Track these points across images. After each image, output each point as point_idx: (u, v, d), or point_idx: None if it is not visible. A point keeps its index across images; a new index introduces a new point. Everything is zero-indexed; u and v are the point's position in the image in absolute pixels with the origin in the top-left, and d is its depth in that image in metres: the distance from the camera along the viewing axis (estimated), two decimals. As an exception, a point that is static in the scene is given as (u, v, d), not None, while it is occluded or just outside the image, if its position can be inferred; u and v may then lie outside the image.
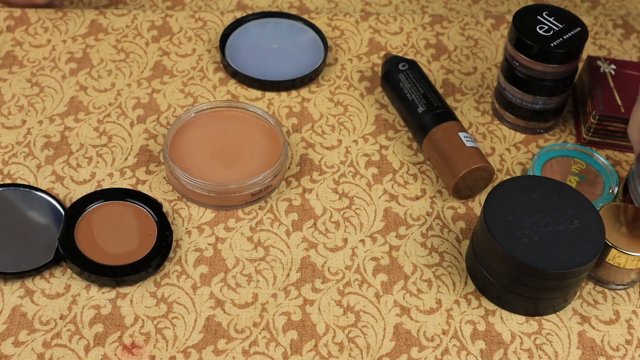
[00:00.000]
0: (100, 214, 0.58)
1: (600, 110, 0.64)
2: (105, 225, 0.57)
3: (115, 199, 0.58)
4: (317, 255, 0.57)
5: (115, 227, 0.57)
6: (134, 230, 0.57)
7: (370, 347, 0.52)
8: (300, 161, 0.63)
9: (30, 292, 0.54)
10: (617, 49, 0.75)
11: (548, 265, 0.50)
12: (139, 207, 0.58)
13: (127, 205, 0.58)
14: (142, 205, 0.58)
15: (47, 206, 0.58)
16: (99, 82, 0.69)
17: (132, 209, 0.58)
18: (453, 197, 0.61)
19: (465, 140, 0.60)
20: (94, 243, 0.56)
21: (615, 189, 0.61)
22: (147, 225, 0.57)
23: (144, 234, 0.56)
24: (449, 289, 0.56)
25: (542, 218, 0.53)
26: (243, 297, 0.55)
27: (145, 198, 0.58)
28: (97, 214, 0.57)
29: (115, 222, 0.57)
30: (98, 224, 0.57)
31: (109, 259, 0.55)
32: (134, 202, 0.58)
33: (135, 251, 0.55)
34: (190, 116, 0.63)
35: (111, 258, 0.55)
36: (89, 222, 0.57)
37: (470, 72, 0.72)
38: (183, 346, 0.52)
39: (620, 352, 0.53)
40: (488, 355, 0.52)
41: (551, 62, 0.61)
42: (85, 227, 0.56)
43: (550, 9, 0.63)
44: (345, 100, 0.69)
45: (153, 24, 0.74)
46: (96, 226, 0.57)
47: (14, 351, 0.51)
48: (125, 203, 0.58)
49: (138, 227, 0.57)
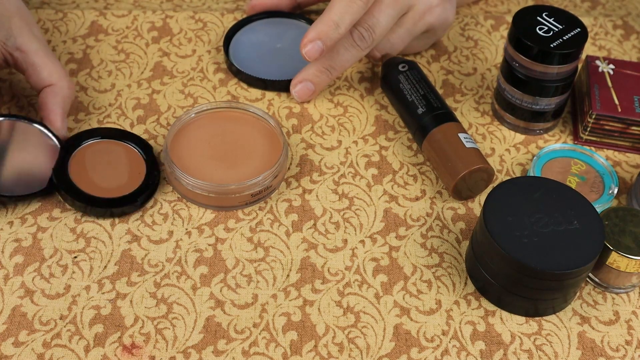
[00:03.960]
0: (94, 149, 0.61)
1: (597, 109, 0.64)
2: (98, 160, 0.60)
3: (110, 137, 0.62)
4: (317, 256, 0.57)
5: (107, 163, 0.60)
6: (125, 168, 0.60)
7: (370, 348, 0.52)
8: (300, 162, 0.64)
9: (30, 292, 0.54)
10: (617, 49, 0.76)
11: (548, 266, 0.51)
12: (131, 148, 0.62)
13: (120, 145, 0.62)
14: (134, 146, 0.62)
15: (43, 139, 0.60)
16: (99, 82, 0.69)
17: (124, 149, 0.62)
18: (453, 198, 0.62)
19: (465, 141, 0.61)
20: (86, 175, 0.59)
21: (615, 189, 0.61)
22: (137, 165, 0.61)
23: (133, 172, 0.60)
24: (449, 290, 0.56)
25: (542, 219, 0.53)
26: (243, 298, 0.55)
27: (138, 140, 0.62)
28: (91, 149, 0.61)
29: (107, 158, 0.61)
30: (91, 158, 0.60)
31: (98, 191, 0.58)
32: (127, 143, 0.62)
33: (124, 186, 0.59)
34: (190, 117, 0.63)
35: (100, 190, 0.58)
36: (83, 156, 0.60)
37: (470, 73, 0.72)
38: (183, 346, 0.52)
39: (620, 353, 0.53)
40: (488, 356, 0.52)
41: (551, 63, 0.61)
42: (79, 160, 0.60)
43: (550, 10, 0.63)
44: (345, 101, 0.69)
45: (153, 25, 0.74)
46: (89, 160, 0.60)
47: (14, 351, 0.51)
48: (118, 142, 0.62)
49: (129, 166, 0.60)
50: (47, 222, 0.58)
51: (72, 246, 0.57)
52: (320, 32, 0.62)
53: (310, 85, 0.66)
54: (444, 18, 0.69)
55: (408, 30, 0.67)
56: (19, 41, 0.61)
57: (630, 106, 0.64)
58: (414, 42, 0.70)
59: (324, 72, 0.66)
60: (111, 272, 0.56)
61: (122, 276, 0.55)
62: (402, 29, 0.67)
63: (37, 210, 0.59)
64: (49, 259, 0.56)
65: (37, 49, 0.61)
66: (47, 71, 0.61)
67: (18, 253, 0.56)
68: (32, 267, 0.55)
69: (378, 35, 0.65)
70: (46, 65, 0.61)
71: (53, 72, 0.61)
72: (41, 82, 0.61)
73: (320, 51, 0.62)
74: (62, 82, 0.61)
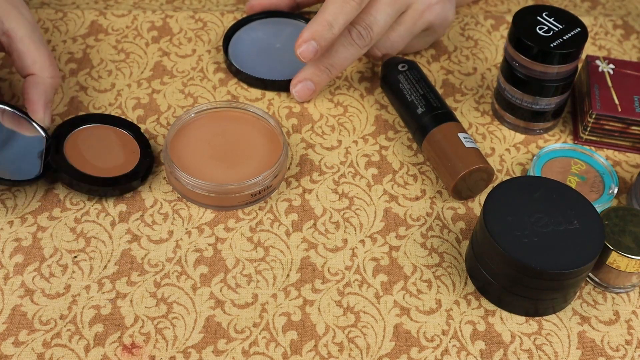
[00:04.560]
0: (84, 135, 0.62)
1: (597, 109, 0.64)
2: (90, 144, 0.61)
3: (97, 122, 0.63)
4: (317, 255, 0.57)
5: (100, 146, 0.62)
6: (118, 149, 0.62)
7: (370, 348, 0.52)
8: (300, 162, 0.64)
9: (30, 292, 0.54)
10: (617, 49, 0.76)
11: (548, 266, 0.51)
12: (118, 130, 0.63)
13: (108, 128, 0.63)
14: (121, 128, 0.63)
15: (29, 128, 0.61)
16: (99, 82, 0.69)
17: (113, 131, 0.63)
18: (453, 198, 0.62)
19: (464, 141, 0.61)
20: (83, 159, 0.60)
21: (615, 189, 0.61)
22: (130, 144, 0.62)
23: (127, 150, 0.62)
24: (449, 290, 0.56)
25: (542, 219, 0.53)
26: (243, 298, 0.55)
27: (124, 122, 0.63)
28: (81, 135, 0.62)
29: (99, 141, 0.62)
30: (84, 143, 0.61)
31: (100, 172, 0.59)
32: (114, 126, 0.63)
33: (123, 164, 0.60)
34: (190, 117, 0.63)
35: (102, 171, 0.60)
36: (75, 142, 0.61)
37: (470, 73, 0.72)
38: (183, 346, 0.52)
39: (620, 353, 0.53)
40: (488, 356, 0.52)
41: (551, 63, 0.61)
42: (73, 145, 0.61)
43: (550, 10, 0.63)
44: (345, 101, 0.69)
45: (153, 25, 0.74)
46: (83, 145, 0.61)
47: (14, 351, 0.51)
48: (106, 126, 0.63)
49: (121, 146, 0.62)
50: (47, 221, 0.58)
51: (72, 246, 0.57)
52: (314, 32, 0.62)
53: (310, 84, 0.66)
54: (444, 16, 0.69)
55: (408, 29, 0.67)
56: (6, 26, 0.60)
57: (630, 106, 0.64)
58: (414, 41, 0.70)
59: (324, 71, 0.66)
60: (111, 272, 0.56)
61: (122, 276, 0.55)
62: (402, 27, 0.67)
63: (37, 209, 0.59)
64: (49, 259, 0.56)
65: (23, 36, 0.60)
66: (31, 59, 0.60)
67: (18, 253, 0.56)
68: (32, 267, 0.55)
69: (376, 34, 0.65)
70: (30, 53, 0.60)
71: (37, 61, 0.60)
72: (24, 70, 0.61)
73: (315, 51, 0.63)
74: (44, 71, 0.61)
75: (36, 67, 0.60)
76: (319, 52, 0.63)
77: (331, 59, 0.65)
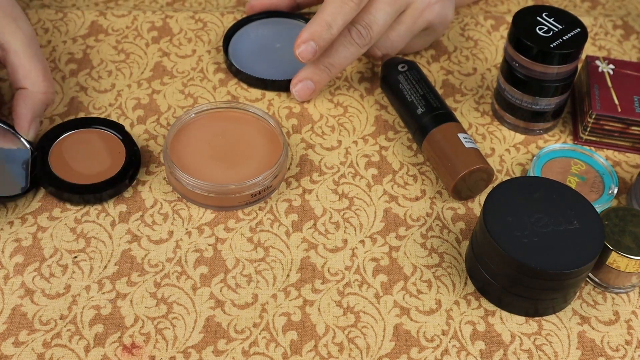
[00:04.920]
0: (68, 143, 0.62)
1: (597, 109, 0.64)
2: (75, 151, 0.61)
3: (79, 127, 0.63)
4: (317, 255, 0.57)
5: (85, 152, 0.61)
6: (104, 152, 0.61)
7: (370, 348, 0.52)
8: (300, 162, 0.64)
9: (31, 292, 0.54)
10: (617, 49, 0.76)
11: (547, 266, 0.51)
12: (103, 131, 0.63)
13: (92, 132, 0.63)
14: (105, 129, 0.63)
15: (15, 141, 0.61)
16: (99, 82, 0.69)
17: (97, 134, 0.63)
18: (453, 198, 0.62)
19: (464, 141, 0.61)
20: (69, 169, 0.60)
21: (615, 189, 0.61)
22: (115, 145, 0.62)
23: (114, 152, 0.61)
24: (449, 290, 0.56)
25: (542, 219, 0.53)
26: (243, 298, 0.55)
27: (107, 122, 0.63)
28: (65, 143, 0.62)
29: (84, 147, 0.62)
30: (69, 151, 0.61)
31: (86, 179, 0.59)
32: (98, 128, 0.63)
33: (110, 168, 0.60)
34: (190, 117, 0.63)
35: (88, 178, 0.59)
36: (59, 152, 0.61)
37: (470, 73, 0.72)
38: (183, 346, 0.52)
39: (620, 353, 0.53)
40: (488, 356, 0.52)
41: (551, 63, 0.61)
42: (57, 156, 0.61)
43: (549, 10, 0.63)
44: (345, 101, 0.69)
45: (153, 25, 0.74)
46: (67, 154, 0.61)
47: (14, 351, 0.51)
48: (89, 130, 0.63)
49: (107, 148, 0.62)
50: (47, 222, 0.58)
51: (72, 246, 0.57)
52: (313, 32, 0.62)
53: (311, 83, 0.66)
54: (443, 15, 0.69)
55: (408, 28, 0.67)
56: (1, 39, 0.60)
57: (630, 106, 0.64)
58: (413, 40, 0.70)
59: (324, 70, 0.66)
60: (111, 272, 0.56)
61: (122, 276, 0.55)
62: (402, 26, 0.67)
63: (37, 210, 0.59)
64: (49, 259, 0.56)
65: (17, 50, 0.60)
66: (22, 73, 0.60)
67: (18, 253, 0.56)
68: (32, 267, 0.55)
69: (376, 33, 0.65)
70: (22, 67, 0.60)
71: (29, 76, 0.60)
72: (16, 83, 0.60)
73: (314, 52, 0.63)
74: (35, 86, 0.60)
75: (27, 81, 0.60)
76: (318, 53, 0.63)
77: (331, 58, 0.65)
